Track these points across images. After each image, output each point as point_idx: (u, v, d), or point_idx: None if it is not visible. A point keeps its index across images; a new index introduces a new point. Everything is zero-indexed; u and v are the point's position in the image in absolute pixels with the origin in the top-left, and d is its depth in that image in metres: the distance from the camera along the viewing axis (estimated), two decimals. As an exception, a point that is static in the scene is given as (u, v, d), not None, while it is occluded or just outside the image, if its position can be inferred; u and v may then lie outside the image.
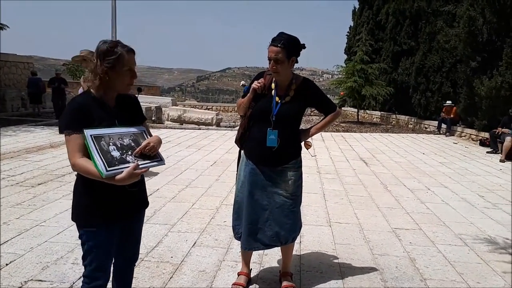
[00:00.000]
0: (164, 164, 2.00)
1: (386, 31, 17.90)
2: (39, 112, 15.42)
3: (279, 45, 2.52)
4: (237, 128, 3.02)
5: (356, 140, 11.28)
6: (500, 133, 9.34)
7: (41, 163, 6.80)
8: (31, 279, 2.90)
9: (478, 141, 11.11)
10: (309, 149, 2.87)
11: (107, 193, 1.86)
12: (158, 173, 6.21)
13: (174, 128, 12.78)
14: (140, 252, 2.05)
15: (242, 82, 21.45)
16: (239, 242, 2.94)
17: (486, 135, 10.70)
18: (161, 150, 2.03)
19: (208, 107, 22.11)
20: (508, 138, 8.60)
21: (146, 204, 2.16)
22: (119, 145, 1.84)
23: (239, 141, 2.84)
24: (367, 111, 19.33)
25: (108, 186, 1.79)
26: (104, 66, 1.85)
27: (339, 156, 8.62)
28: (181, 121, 13.80)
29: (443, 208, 4.99)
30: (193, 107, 18.31)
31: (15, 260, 3.19)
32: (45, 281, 2.88)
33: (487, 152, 9.61)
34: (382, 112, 18.68)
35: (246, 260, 2.96)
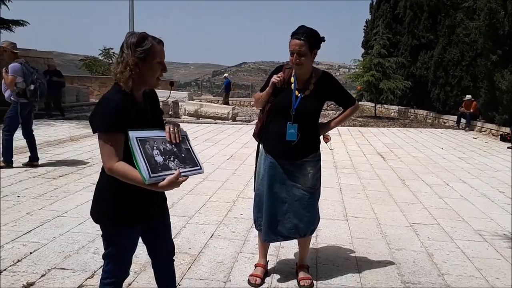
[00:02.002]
0: (203, 172, 1.93)
1: (404, 24, 17.65)
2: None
3: (302, 38, 2.52)
4: (254, 122, 3.03)
5: (374, 135, 11.19)
6: (521, 128, 9.15)
7: (62, 156, 6.95)
8: (54, 267, 2.98)
9: (499, 136, 10.90)
10: (327, 143, 2.88)
11: (136, 194, 1.83)
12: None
13: (191, 122, 12.87)
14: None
15: (225, 74, 21.56)
16: (256, 234, 2.96)
17: (507, 130, 10.49)
18: None
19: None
20: (530, 133, 8.42)
21: (165, 199, 2.12)
22: (162, 150, 1.78)
23: (258, 135, 2.86)
24: (384, 105, 19.14)
25: (138, 188, 1.74)
26: (135, 57, 1.77)
27: (356, 150, 8.57)
28: (197, 116, 13.88)
29: (462, 204, 4.93)
30: (209, 102, 18.39)
31: (38, 249, 3.29)
32: (67, 269, 2.97)
33: (508, 147, 9.42)
34: (400, 107, 18.47)
35: (263, 252, 2.99)
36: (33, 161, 6.09)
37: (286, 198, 2.75)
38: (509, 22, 10.54)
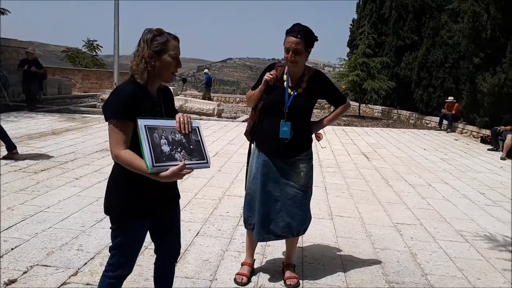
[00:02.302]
0: (209, 167, 1.90)
1: (389, 25, 17.82)
2: (40, 99, 15.35)
3: (298, 36, 2.52)
4: (239, 119, 3.02)
5: (358, 134, 11.29)
6: (501, 130, 9.36)
7: (44, 149, 6.81)
8: (37, 264, 2.92)
9: (479, 138, 11.14)
10: (319, 141, 2.90)
11: (146, 187, 1.84)
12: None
13: (175, 118, 12.77)
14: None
15: (205, 70, 21.50)
16: (242, 232, 2.95)
17: (487, 132, 10.72)
18: None
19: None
20: (509, 136, 8.61)
21: (178, 196, 2.12)
22: (170, 140, 1.77)
23: (250, 133, 2.85)
24: (368, 105, 19.31)
25: (148, 180, 1.76)
26: (151, 50, 1.82)
27: (341, 150, 8.64)
28: (182, 111, 13.74)
29: (444, 204, 5.02)
30: (194, 97, 18.25)
31: (20, 245, 3.22)
32: (50, 266, 2.91)
33: (488, 149, 9.64)
34: (383, 107, 18.67)
35: (251, 251, 2.99)
36: (12, 150, 5.96)
37: (279, 196, 2.75)
38: (492, 26, 10.75)
